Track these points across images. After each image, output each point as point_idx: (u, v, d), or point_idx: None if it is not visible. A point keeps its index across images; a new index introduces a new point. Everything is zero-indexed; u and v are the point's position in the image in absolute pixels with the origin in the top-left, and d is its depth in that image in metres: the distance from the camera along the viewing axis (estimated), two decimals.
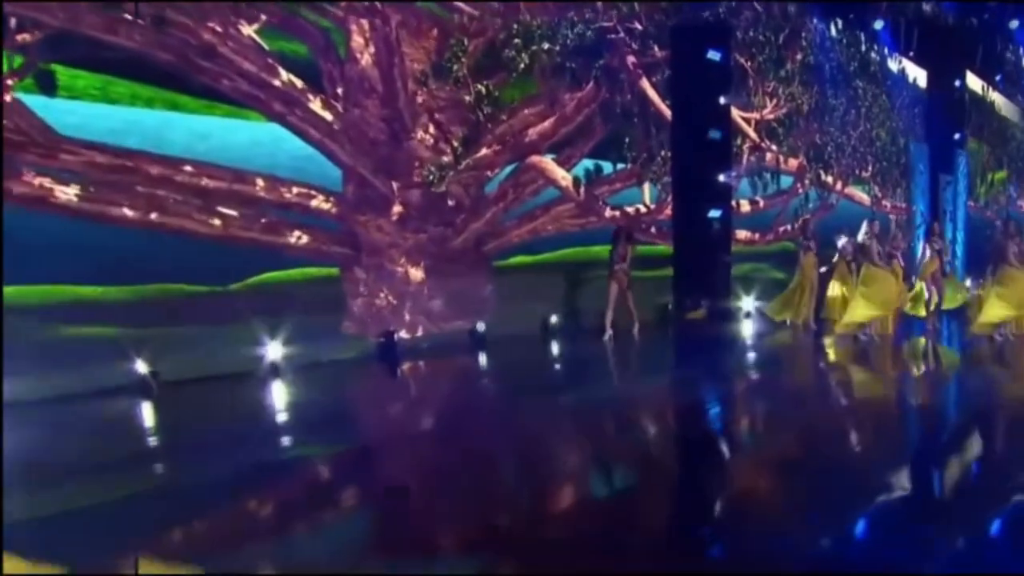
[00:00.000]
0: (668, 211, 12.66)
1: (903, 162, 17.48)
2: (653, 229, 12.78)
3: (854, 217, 14.86)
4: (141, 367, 7.27)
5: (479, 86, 10.22)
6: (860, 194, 16.53)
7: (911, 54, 18.11)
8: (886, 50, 16.89)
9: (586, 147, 11.78)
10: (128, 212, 7.64)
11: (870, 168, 16.23)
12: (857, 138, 16.12)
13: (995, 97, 21.59)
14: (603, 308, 11.62)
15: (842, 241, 11.69)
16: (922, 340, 11.59)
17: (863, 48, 16.20)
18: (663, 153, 12.63)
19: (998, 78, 21.05)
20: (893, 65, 17.48)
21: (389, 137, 9.61)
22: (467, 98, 10.13)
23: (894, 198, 17.24)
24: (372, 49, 9.34)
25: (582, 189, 11.66)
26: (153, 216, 7.81)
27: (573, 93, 11.48)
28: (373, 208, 9.48)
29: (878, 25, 16.29)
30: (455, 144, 10.09)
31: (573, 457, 5.94)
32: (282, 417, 7.05)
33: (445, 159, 9.98)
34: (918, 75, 18.40)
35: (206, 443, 5.74)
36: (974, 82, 20.28)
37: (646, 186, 12.71)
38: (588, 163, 11.92)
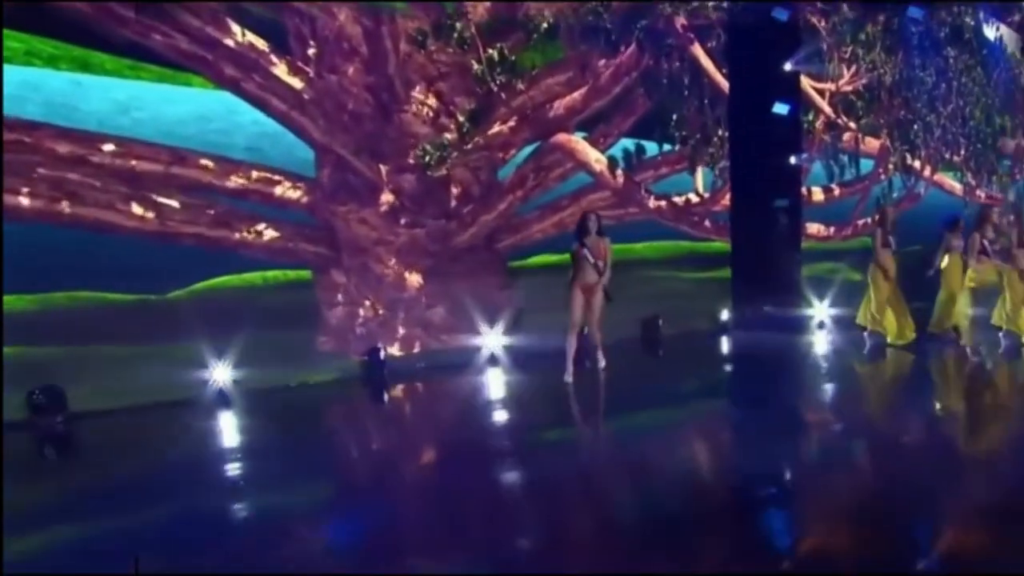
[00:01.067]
0: (725, 201, 10.49)
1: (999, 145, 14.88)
2: (707, 222, 10.57)
3: (942, 209, 12.43)
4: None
5: (491, 49, 8.26)
6: (951, 182, 13.96)
7: (1011, 20, 15.49)
8: (982, 15, 14.31)
9: (625, 124, 9.67)
10: (25, 201, 5.90)
11: (962, 152, 13.65)
12: (947, 116, 13.61)
13: None
14: (648, 319, 9.53)
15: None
16: None
17: (956, 11, 13.69)
18: (719, 132, 10.47)
19: None
20: (990, 32, 14.88)
21: (375, 109, 7.69)
22: (476, 63, 8.17)
23: (988, 187, 14.56)
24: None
25: (620, 174, 9.55)
26: (62, 206, 6.06)
27: (609, 59, 9.42)
28: (355, 196, 7.57)
29: None
30: (460, 118, 8.14)
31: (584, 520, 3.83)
32: (215, 461, 5.17)
33: (448, 136, 8.03)
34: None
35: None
36: None
37: (699, 171, 10.55)
38: (628, 143, 9.83)
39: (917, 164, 13.03)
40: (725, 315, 10.19)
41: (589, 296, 6.43)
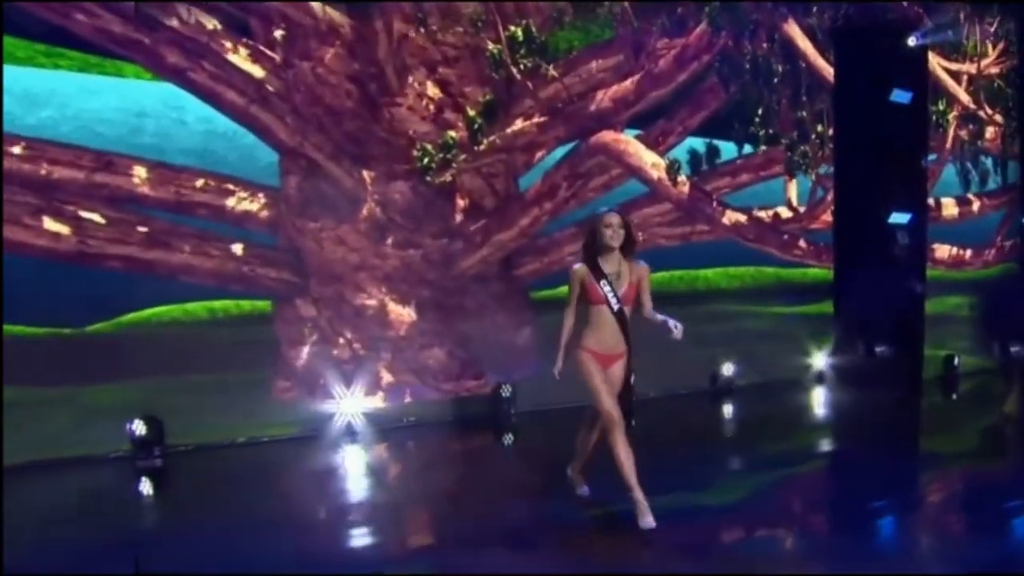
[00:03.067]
0: (827, 217, 8.22)
1: None
2: (803, 243, 8.30)
3: None
4: None
5: (512, 27, 6.52)
6: None
7: None
8: None
9: (692, 120, 7.58)
10: None
11: None
12: None
13: None
14: (721, 365, 7.48)
15: None
16: None
17: None
18: (819, 129, 8.23)
19: None
20: None
21: (360, 104, 6.11)
22: (492, 45, 6.46)
23: None
24: None
25: (684, 182, 7.50)
26: None
27: (672, 39, 7.43)
28: (330, 210, 6.00)
29: None
30: (471, 113, 6.45)
31: None
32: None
33: (453, 135, 6.36)
34: None
35: None
36: None
37: (792, 179, 8.33)
38: (696, 143, 7.76)
39: None
40: (821, 362, 8.03)
41: (607, 368, 3.85)
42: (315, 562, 3.55)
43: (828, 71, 8.01)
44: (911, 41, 7.81)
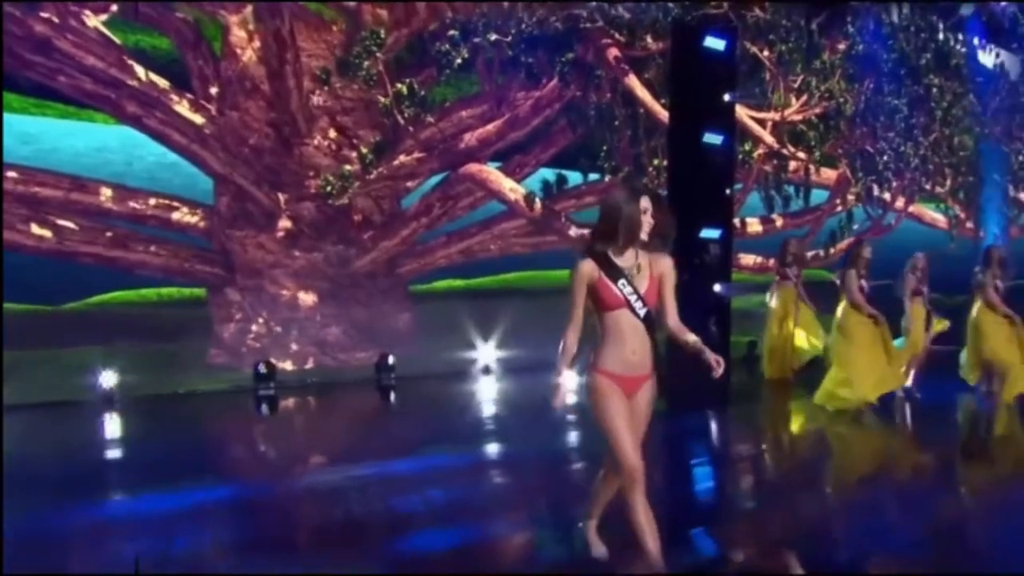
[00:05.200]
0: None
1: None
2: None
3: (920, 242, 11.59)
4: None
5: (399, 84, 8.40)
6: (932, 213, 13.04)
7: (1015, 47, 14.29)
8: (977, 40, 13.28)
9: (544, 155, 9.53)
10: None
11: (948, 182, 12.74)
12: (929, 146, 12.71)
13: None
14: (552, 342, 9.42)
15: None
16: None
17: (941, 38, 12.76)
18: (655, 162, 10.22)
19: None
20: (987, 59, 13.78)
21: (277, 143, 7.95)
22: (382, 99, 8.33)
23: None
24: (257, 44, 7.78)
25: (537, 203, 9.49)
26: None
27: (529, 92, 9.38)
28: (252, 223, 7.86)
29: (966, 11, 12.79)
30: (364, 151, 8.32)
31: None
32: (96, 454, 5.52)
33: (349, 168, 8.23)
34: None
35: None
36: None
37: None
38: (548, 173, 9.73)
39: (887, 195, 12.30)
40: None
41: (632, 394, 2.88)
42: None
43: (663, 115, 9.97)
44: (726, 97, 9.83)
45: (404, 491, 4.35)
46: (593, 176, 9.94)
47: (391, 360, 8.29)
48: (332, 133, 8.19)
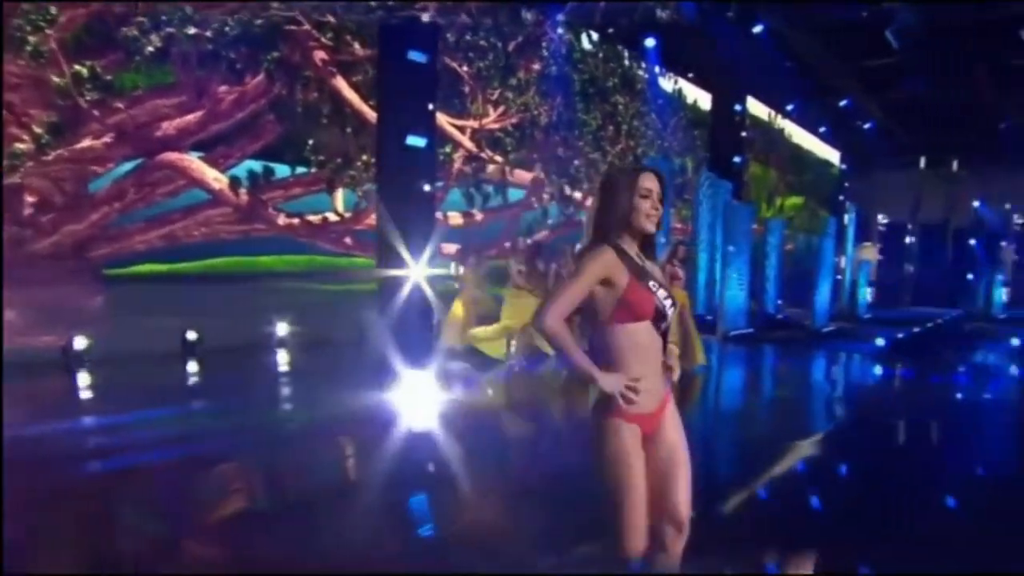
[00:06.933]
0: (370, 220, 10.95)
1: (680, 183, 16.30)
2: (349, 239, 11.01)
3: None
4: None
5: (78, 66, 8.24)
6: None
7: (691, 76, 17.04)
8: (658, 69, 15.68)
9: (251, 147, 9.75)
10: None
11: None
12: (616, 155, 14.81)
13: (785, 125, 20.86)
14: (257, 323, 9.80)
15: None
16: None
17: (626, 64, 14.93)
18: (363, 158, 10.92)
19: (790, 107, 20.32)
20: (667, 85, 16.31)
21: None
22: (57, 78, 8.13)
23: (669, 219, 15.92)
24: None
25: (243, 192, 9.79)
26: None
27: (233, 86, 9.62)
28: None
29: (650, 43, 15.05)
30: (37, 130, 8.09)
31: None
32: None
33: (21, 147, 7.97)
34: (700, 97, 17.37)
35: None
36: (761, 109, 19.44)
37: (339, 193, 10.96)
38: (255, 164, 10.06)
39: (579, 195, 14.15)
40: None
41: (652, 433, 2.19)
42: None
43: (371, 116, 10.68)
44: (430, 106, 10.72)
45: None
46: (301, 169, 10.44)
47: (80, 343, 8.19)
48: None
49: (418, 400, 7.02)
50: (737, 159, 16.22)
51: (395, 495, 4.37)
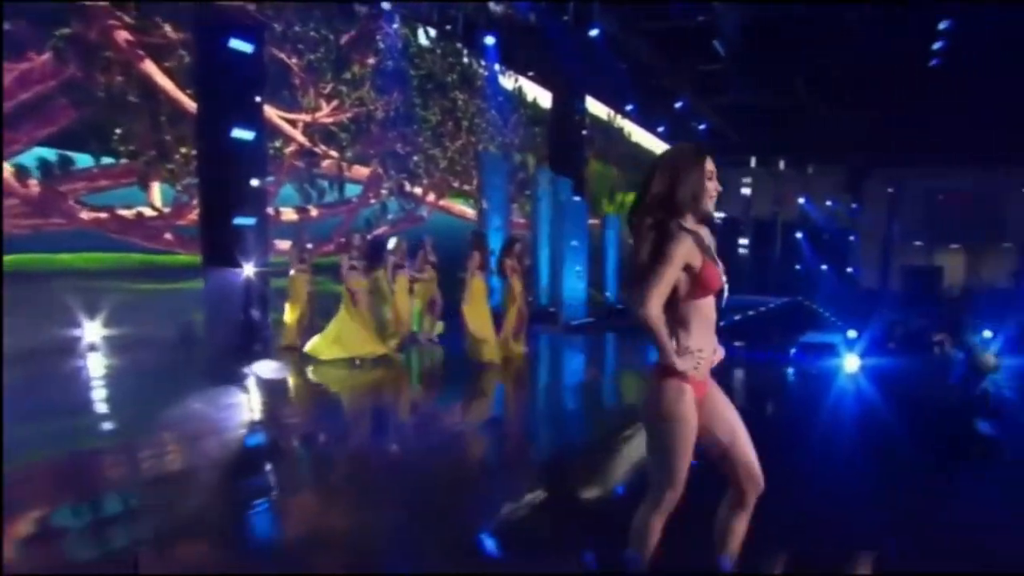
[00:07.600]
0: (192, 216, 10.33)
1: (522, 178, 16.63)
2: (170, 235, 10.38)
3: (455, 230, 13.51)
4: None
5: None
6: (461, 207, 15.34)
7: (531, 75, 17.43)
8: (497, 66, 15.92)
9: (40, 133, 8.89)
10: None
11: (475, 182, 15.01)
12: (457, 151, 14.93)
13: (625, 124, 21.88)
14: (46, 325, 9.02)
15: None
16: None
17: (465, 61, 15.06)
18: (182, 150, 10.29)
19: (630, 108, 21.31)
20: (507, 82, 16.59)
21: None
22: None
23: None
24: None
25: (34, 183, 8.97)
26: None
27: (14, 63, 8.73)
28: None
29: (489, 40, 15.22)
30: None
31: None
32: None
33: None
34: (541, 96, 17.77)
35: None
36: (601, 108, 20.27)
37: (155, 186, 10.29)
38: (47, 152, 9.24)
39: (419, 191, 14.15)
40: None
41: (701, 397, 2.42)
42: None
43: (189, 105, 10.02)
44: (257, 99, 10.03)
45: None
46: (108, 160, 9.70)
47: None
48: None
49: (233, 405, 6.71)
50: (577, 156, 16.76)
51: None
